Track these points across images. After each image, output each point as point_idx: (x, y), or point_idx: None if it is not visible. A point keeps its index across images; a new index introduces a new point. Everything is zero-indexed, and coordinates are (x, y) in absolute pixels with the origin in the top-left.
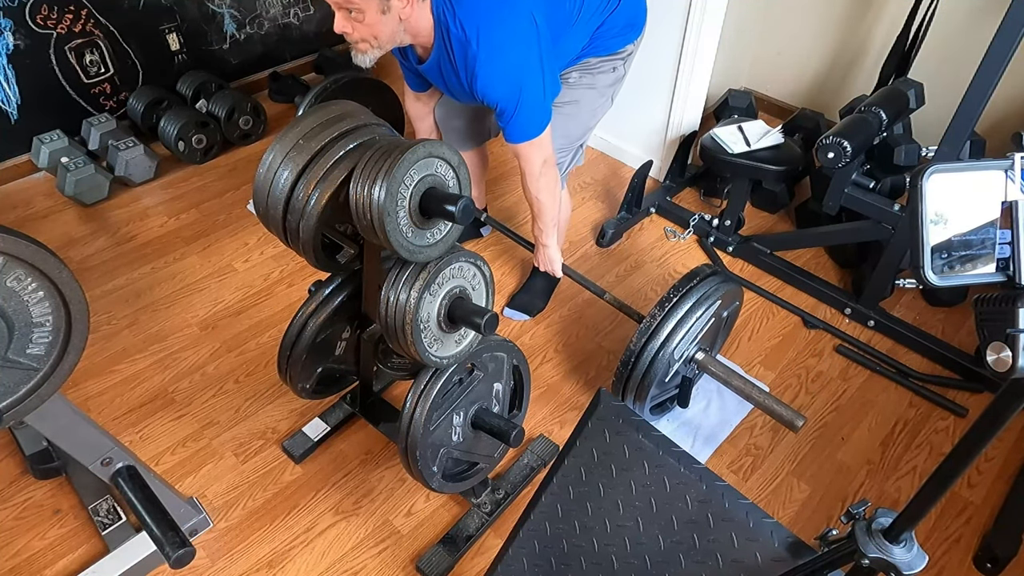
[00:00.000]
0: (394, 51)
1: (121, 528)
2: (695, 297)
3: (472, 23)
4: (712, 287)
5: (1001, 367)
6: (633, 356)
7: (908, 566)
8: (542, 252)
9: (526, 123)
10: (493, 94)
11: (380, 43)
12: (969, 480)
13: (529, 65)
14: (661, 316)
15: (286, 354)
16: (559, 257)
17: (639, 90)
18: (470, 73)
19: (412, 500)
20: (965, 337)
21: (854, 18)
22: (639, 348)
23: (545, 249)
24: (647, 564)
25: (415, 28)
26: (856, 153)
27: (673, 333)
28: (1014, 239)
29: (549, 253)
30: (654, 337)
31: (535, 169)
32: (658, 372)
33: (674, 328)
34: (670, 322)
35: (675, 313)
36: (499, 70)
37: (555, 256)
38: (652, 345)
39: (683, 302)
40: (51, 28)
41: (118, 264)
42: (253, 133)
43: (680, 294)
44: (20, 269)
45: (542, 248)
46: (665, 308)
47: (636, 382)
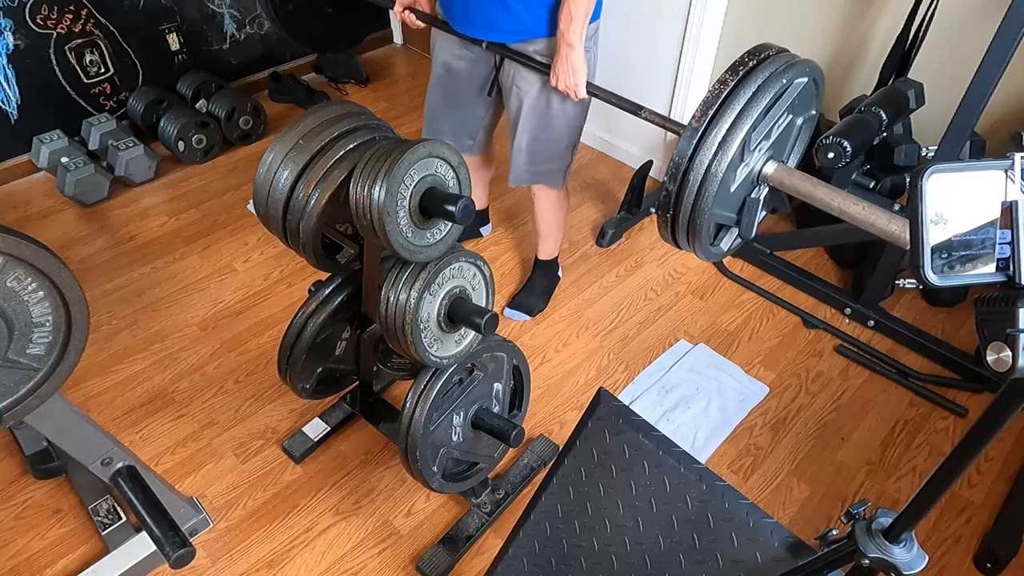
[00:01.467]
0: None
1: (121, 528)
2: (761, 79)
3: None
4: (788, 61)
5: (1001, 367)
6: (684, 161)
7: (908, 566)
8: (565, 57)
9: None
10: None
11: None
12: (969, 480)
13: None
14: (726, 93)
15: (286, 354)
16: (584, 69)
17: (639, 89)
18: None
19: (412, 500)
20: (965, 337)
21: (854, 18)
22: (691, 152)
23: (570, 51)
24: (647, 564)
25: None
26: (856, 153)
27: (733, 131)
28: (1014, 239)
29: (574, 59)
30: (706, 138)
31: None
32: (717, 178)
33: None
34: (737, 102)
35: (733, 102)
36: None
37: (580, 65)
38: (708, 143)
39: (744, 86)
40: (51, 28)
41: (118, 264)
42: (253, 133)
43: (749, 66)
44: (20, 269)
45: (566, 49)
46: (725, 90)
47: (689, 195)
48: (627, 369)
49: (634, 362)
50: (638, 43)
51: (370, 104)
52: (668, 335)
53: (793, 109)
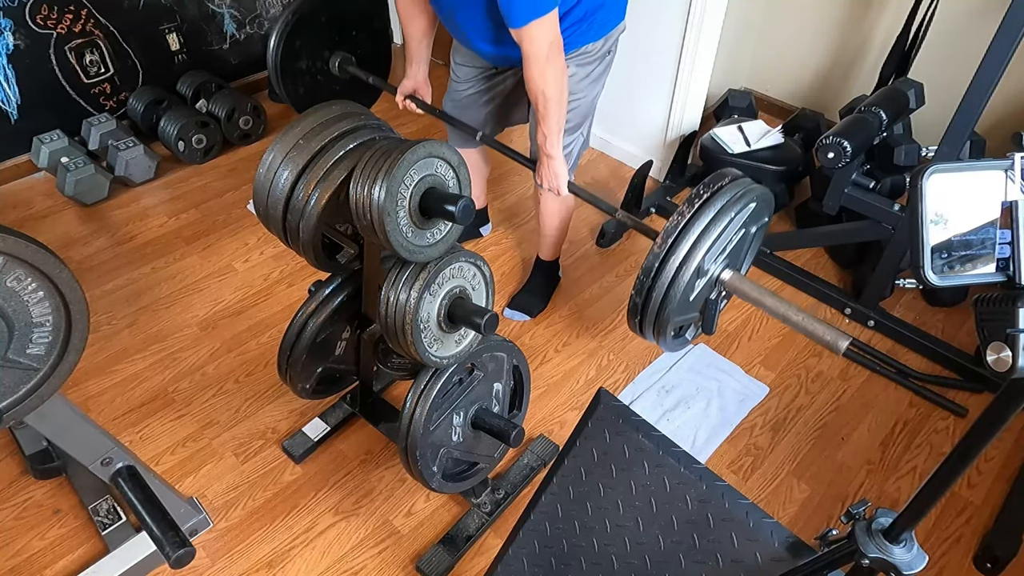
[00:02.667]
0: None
1: (121, 528)
2: (722, 202)
3: None
4: (741, 191)
5: (1001, 367)
6: (648, 280)
7: (908, 566)
8: (546, 165)
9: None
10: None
11: None
12: (969, 480)
13: None
14: (677, 231)
15: (286, 354)
16: (566, 172)
17: (639, 90)
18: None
19: (412, 500)
20: (965, 337)
21: (854, 18)
22: (654, 270)
23: (551, 161)
24: (647, 564)
25: None
26: (856, 153)
27: (698, 244)
28: (1014, 239)
29: (555, 166)
30: (672, 255)
31: (542, 52)
32: (677, 296)
33: (699, 237)
34: (693, 230)
35: (699, 219)
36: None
37: (561, 170)
38: (670, 265)
39: (704, 211)
40: (51, 28)
41: (118, 264)
42: (253, 133)
43: (698, 204)
44: (20, 269)
45: (547, 160)
46: (692, 207)
47: (654, 306)
48: (627, 369)
49: (634, 362)
50: (638, 44)
51: (370, 105)
52: None
53: (746, 224)
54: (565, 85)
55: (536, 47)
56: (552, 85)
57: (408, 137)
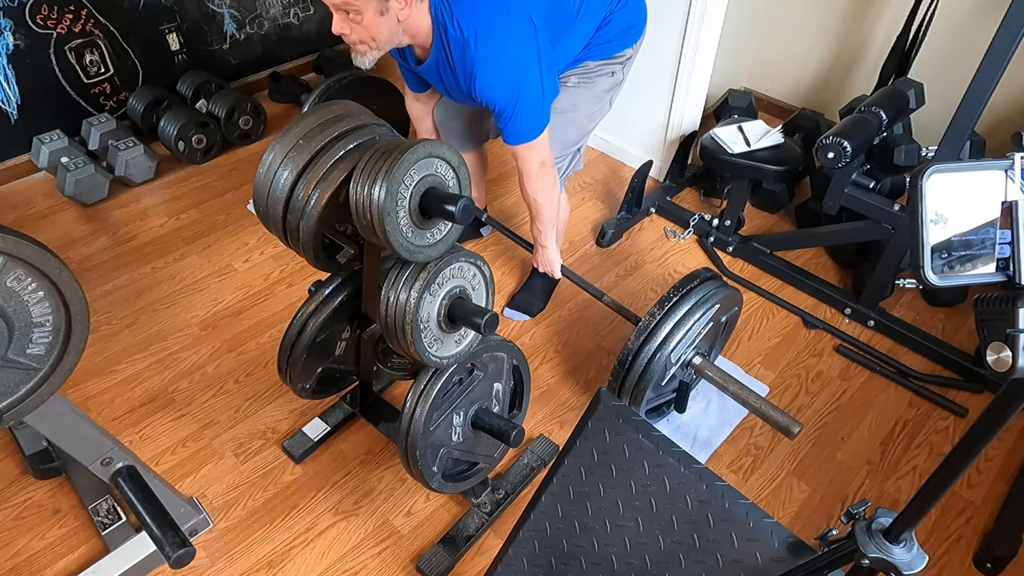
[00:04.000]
0: (392, 52)
1: (121, 528)
2: (693, 300)
3: (470, 25)
4: (710, 291)
5: (1001, 367)
6: (629, 357)
7: (908, 566)
8: (541, 253)
9: (524, 125)
10: (491, 96)
11: (379, 44)
12: (969, 480)
13: (527, 67)
14: (658, 318)
15: (286, 354)
16: (558, 258)
17: (639, 90)
18: (468, 75)
19: (412, 500)
20: (965, 337)
21: (854, 18)
22: (635, 350)
23: (544, 250)
24: (647, 564)
25: (413, 29)
26: (856, 153)
27: (670, 336)
28: (1014, 239)
29: (548, 254)
30: (650, 339)
31: (533, 170)
32: (654, 375)
33: (671, 331)
34: (667, 325)
35: (672, 316)
36: (497, 72)
37: (554, 257)
38: (649, 347)
39: (680, 305)
40: (51, 28)
41: (118, 264)
42: (253, 133)
43: (678, 296)
44: (20, 269)
45: (541, 249)
46: (663, 310)
47: (632, 384)
48: None
49: None
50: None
51: None
52: None
53: (714, 318)
54: (555, 195)
55: (528, 165)
56: (542, 195)
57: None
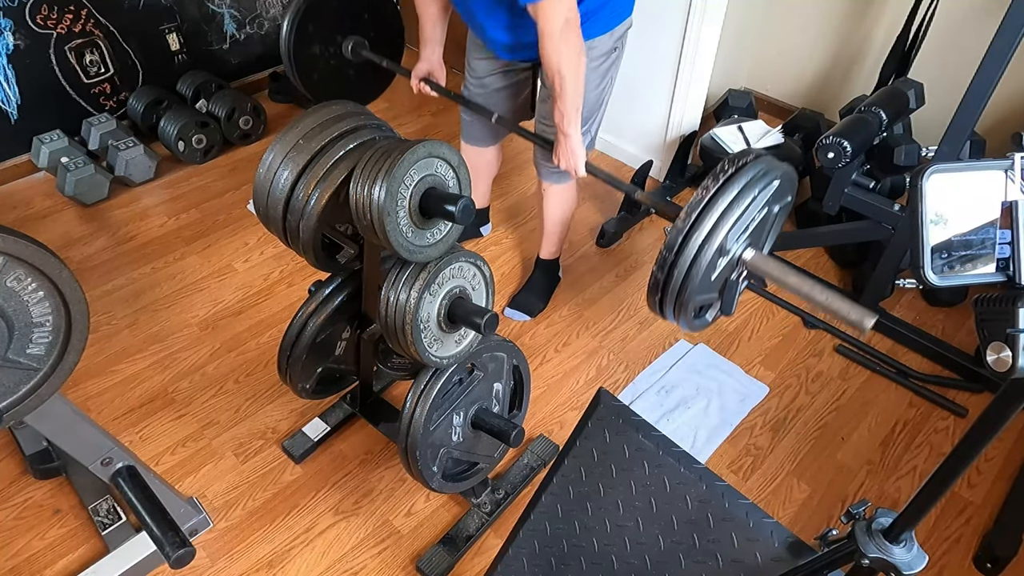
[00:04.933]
0: None
1: (121, 528)
2: (746, 178)
3: None
4: (765, 168)
5: (1001, 367)
6: (671, 255)
7: (908, 566)
8: (563, 143)
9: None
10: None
11: None
12: (969, 480)
13: None
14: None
15: (286, 354)
16: (583, 152)
17: (639, 90)
18: None
19: (412, 500)
20: (965, 337)
21: (854, 18)
22: (677, 245)
23: (568, 140)
24: (647, 564)
25: None
26: (856, 153)
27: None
28: (1014, 239)
29: (572, 144)
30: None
31: (556, 28)
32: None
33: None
34: (718, 206)
35: (723, 195)
36: None
37: (579, 149)
38: (696, 235)
39: (732, 183)
40: (51, 28)
41: (118, 264)
42: (253, 133)
43: (729, 173)
44: (20, 269)
45: (563, 138)
46: (711, 188)
47: (676, 283)
48: (627, 369)
49: (634, 362)
50: (638, 44)
51: (370, 104)
52: (668, 335)
53: (769, 203)
54: (581, 64)
55: (551, 24)
56: (567, 62)
57: (408, 137)
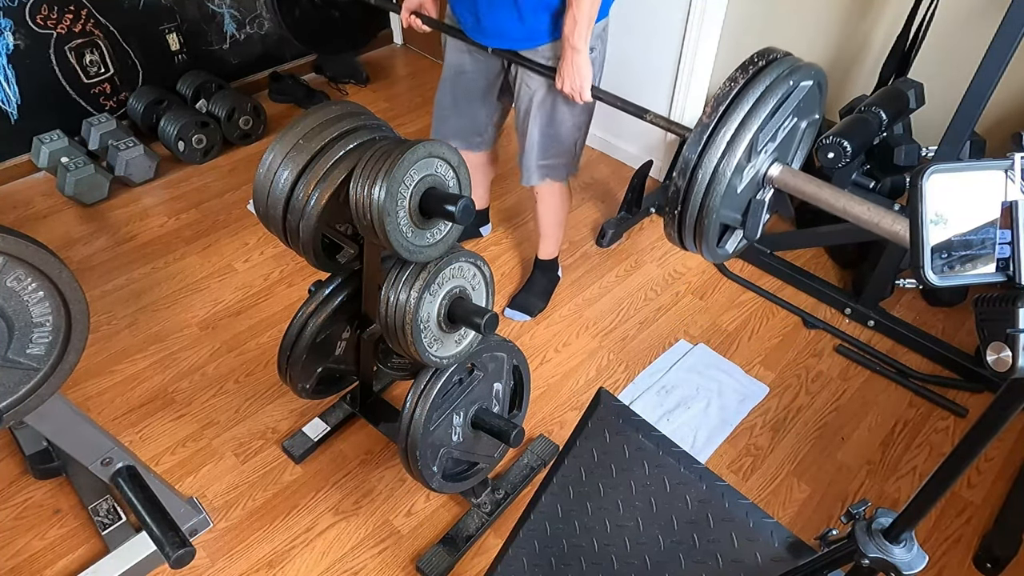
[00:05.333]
0: None
1: (121, 528)
2: (777, 72)
3: None
4: (794, 64)
5: (1001, 367)
6: (699, 147)
7: (908, 566)
8: (570, 60)
9: None
10: None
11: None
12: (969, 480)
13: None
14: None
15: (286, 354)
16: (590, 72)
17: (639, 90)
18: None
19: (412, 500)
20: (965, 337)
21: (854, 18)
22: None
23: (575, 55)
24: (647, 564)
25: None
26: (856, 153)
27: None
28: (1014, 239)
29: (579, 61)
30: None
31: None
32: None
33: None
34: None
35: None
36: None
37: (586, 68)
38: (723, 131)
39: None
40: (51, 28)
41: (118, 264)
42: (253, 133)
43: (759, 65)
44: (20, 269)
45: (571, 53)
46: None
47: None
48: (627, 369)
49: (634, 362)
50: (638, 44)
51: (370, 104)
52: (668, 335)
53: (798, 112)
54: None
55: None
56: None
57: (408, 137)
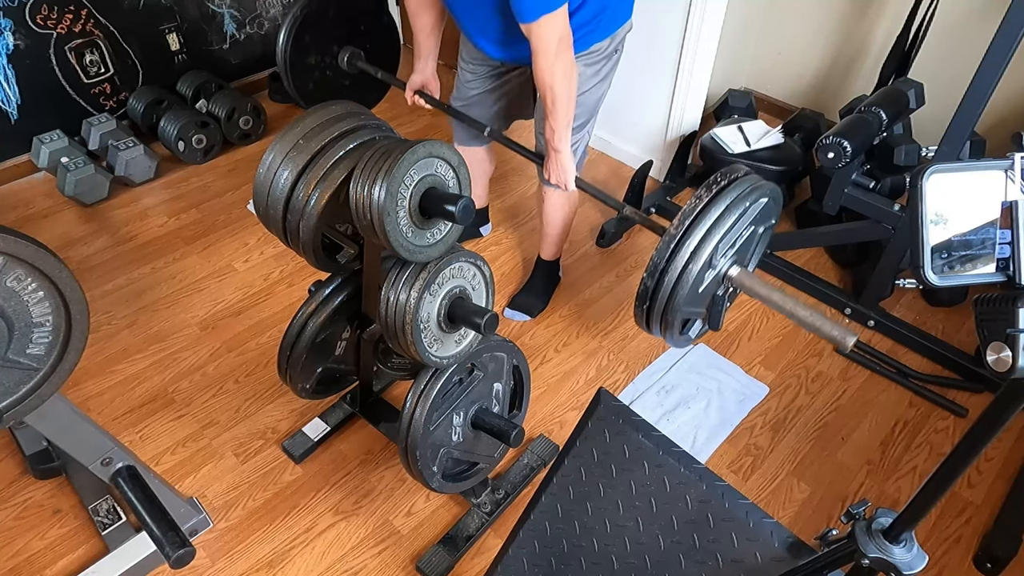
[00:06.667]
0: None
1: (121, 528)
2: (736, 192)
3: None
4: (754, 184)
5: (1001, 367)
6: (662, 262)
7: (908, 566)
8: (553, 159)
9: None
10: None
11: None
12: (969, 480)
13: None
14: (700, 207)
15: (286, 354)
16: (573, 167)
17: (639, 90)
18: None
19: (412, 500)
20: (965, 337)
21: (854, 18)
22: (673, 244)
23: (558, 156)
24: (647, 564)
25: None
26: (856, 153)
27: (712, 230)
28: (1014, 239)
29: (562, 160)
30: (690, 233)
31: (551, 47)
32: (689, 280)
33: (714, 224)
34: (710, 215)
35: (715, 206)
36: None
37: (569, 165)
38: (688, 242)
39: (724, 196)
40: (51, 28)
41: (118, 264)
42: (253, 133)
43: (721, 185)
44: (20, 269)
45: (554, 154)
46: (704, 198)
47: (665, 291)
48: (627, 369)
49: (634, 362)
50: (638, 44)
51: None
52: None
53: (756, 221)
54: (574, 81)
55: (545, 43)
56: (560, 80)
57: (408, 137)
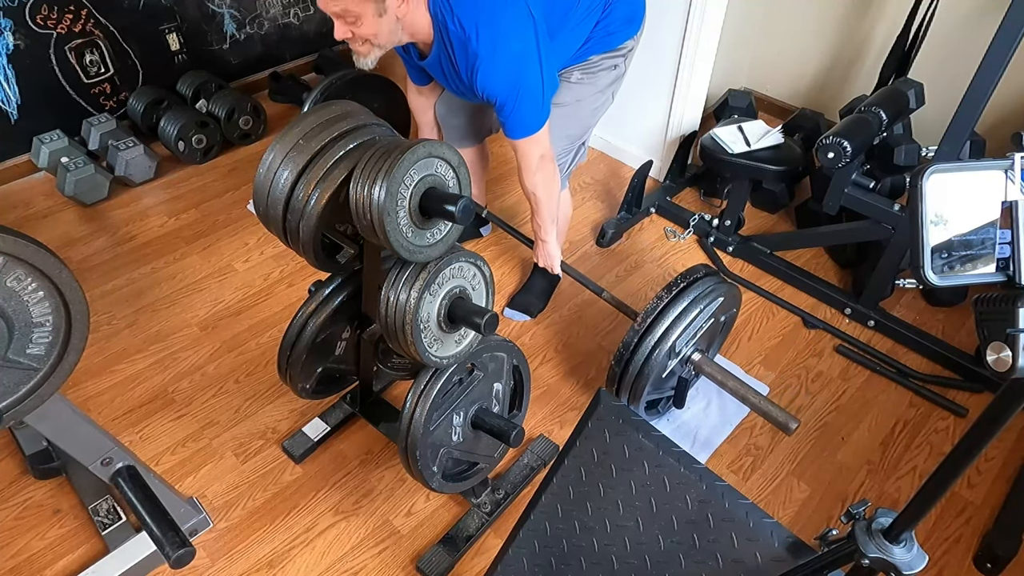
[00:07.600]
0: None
1: (121, 528)
2: (692, 295)
3: (470, 20)
4: (709, 287)
5: (1001, 367)
6: (627, 353)
7: (908, 566)
8: (541, 248)
9: (525, 118)
10: (493, 89)
11: (380, 43)
12: (969, 480)
13: (528, 60)
14: (656, 313)
15: (286, 354)
16: (558, 254)
17: (639, 90)
18: (470, 69)
19: (412, 500)
20: (965, 337)
21: (854, 18)
22: (633, 345)
23: (544, 245)
24: (647, 564)
25: (412, 27)
26: (856, 153)
27: (669, 331)
28: (1014, 239)
29: (548, 249)
30: (649, 334)
31: (533, 163)
32: (653, 371)
33: (670, 326)
34: (665, 320)
35: (671, 311)
36: (499, 66)
37: (554, 252)
38: (647, 342)
39: (679, 300)
40: (51, 28)
41: (118, 264)
42: (253, 133)
43: (676, 291)
44: (20, 269)
45: (541, 244)
46: (660, 304)
47: (630, 381)
48: None
49: None
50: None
51: None
52: None
53: (717, 313)
54: (555, 189)
55: (528, 159)
56: (542, 189)
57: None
